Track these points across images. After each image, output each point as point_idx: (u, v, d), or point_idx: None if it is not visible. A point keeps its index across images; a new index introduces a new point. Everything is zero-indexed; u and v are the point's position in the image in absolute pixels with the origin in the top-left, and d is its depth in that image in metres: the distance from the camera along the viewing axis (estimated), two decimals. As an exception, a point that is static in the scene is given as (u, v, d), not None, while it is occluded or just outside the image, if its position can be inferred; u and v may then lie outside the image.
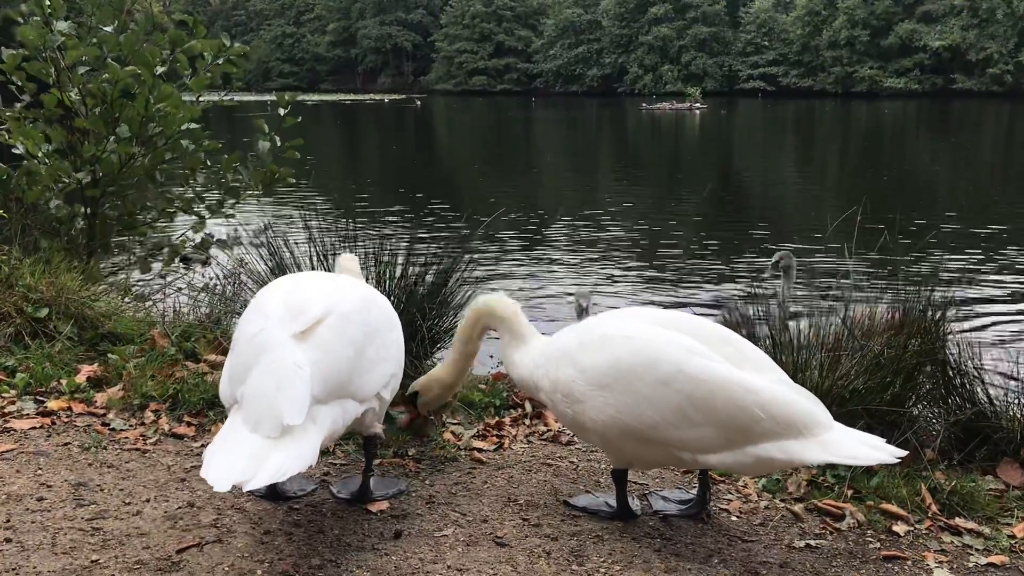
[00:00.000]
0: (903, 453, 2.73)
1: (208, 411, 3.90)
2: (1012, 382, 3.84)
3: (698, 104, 64.71)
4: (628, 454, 3.02)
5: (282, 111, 6.82)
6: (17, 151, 6.26)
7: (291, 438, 2.56)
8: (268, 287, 3.13)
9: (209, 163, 6.79)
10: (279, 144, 6.74)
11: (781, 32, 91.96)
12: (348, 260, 3.79)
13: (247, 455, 2.51)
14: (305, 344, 2.77)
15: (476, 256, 4.79)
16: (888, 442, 2.80)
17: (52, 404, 3.92)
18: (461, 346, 3.41)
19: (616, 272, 11.89)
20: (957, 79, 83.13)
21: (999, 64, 79.52)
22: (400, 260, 4.54)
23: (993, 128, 47.43)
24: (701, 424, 2.80)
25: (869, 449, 2.72)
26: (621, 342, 2.96)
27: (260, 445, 2.54)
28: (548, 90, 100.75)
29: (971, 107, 66.29)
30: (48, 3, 6.25)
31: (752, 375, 2.85)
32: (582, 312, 6.44)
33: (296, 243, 4.88)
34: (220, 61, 6.48)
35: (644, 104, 68.91)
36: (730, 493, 3.48)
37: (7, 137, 6.27)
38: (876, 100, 78.42)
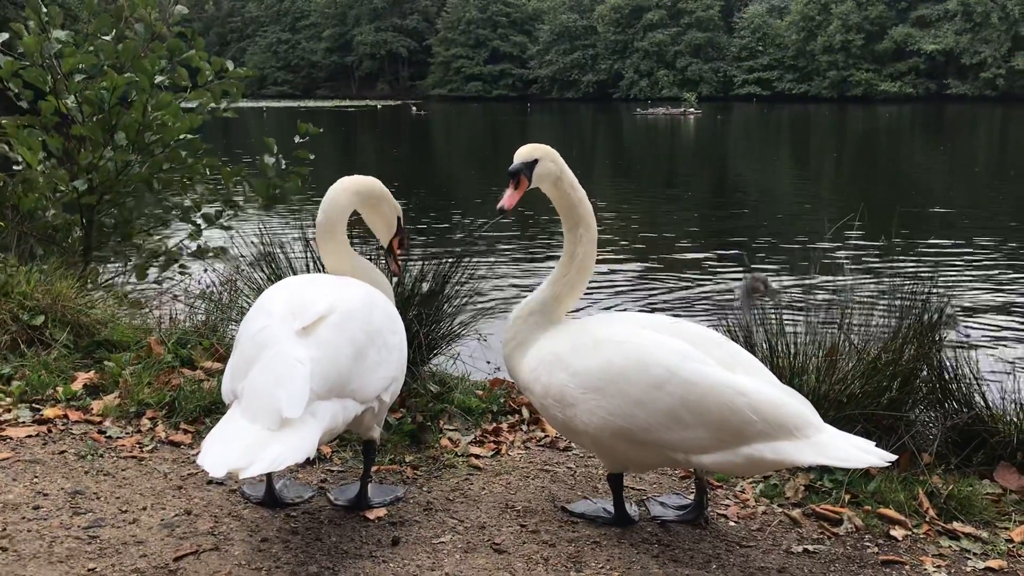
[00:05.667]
0: (892, 457, 2.74)
1: (205, 418, 3.90)
2: (1009, 386, 3.84)
3: (693, 109, 64.79)
4: (621, 456, 3.03)
5: (297, 138, 6.87)
6: (17, 164, 6.26)
7: (290, 430, 2.58)
8: (273, 287, 3.14)
9: (208, 172, 6.80)
10: (283, 167, 6.81)
11: (775, 37, 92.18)
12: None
13: (244, 444, 2.53)
14: (306, 341, 2.78)
15: (473, 261, 4.77)
16: (884, 446, 2.81)
17: (48, 412, 3.90)
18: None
19: (612, 278, 11.89)
20: (951, 84, 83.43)
21: (992, 68, 79.82)
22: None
23: (987, 132, 47.58)
24: (693, 426, 2.82)
25: (859, 452, 2.74)
26: (613, 346, 2.98)
27: (258, 435, 2.55)
28: (544, 95, 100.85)
29: (965, 111, 66.51)
30: (45, 11, 6.26)
31: (744, 378, 2.86)
32: (758, 292, 5.93)
33: (292, 249, 4.87)
34: (222, 79, 6.52)
35: (639, 109, 69.01)
36: (728, 499, 3.48)
37: (8, 149, 6.27)
38: (871, 104, 78.61)
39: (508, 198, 3.12)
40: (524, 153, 3.17)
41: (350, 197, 3.33)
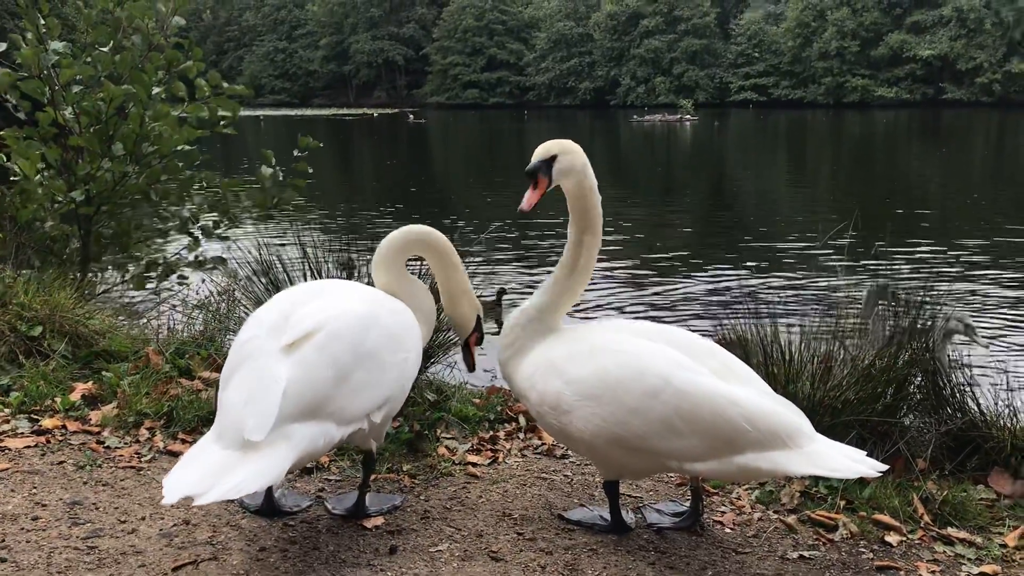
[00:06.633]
0: (883, 467, 2.76)
1: (203, 428, 3.90)
2: (1002, 391, 3.87)
3: (689, 116, 64.84)
4: (616, 463, 3.05)
5: (297, 152, 6.92)
6: (15, 174, 6.28)
7: (257, 454, 2.50)
8: (278, 295, 3.10)
9: (205, 184, 6.84)
10: (281, 178, 6.85)
11: (772, 44, 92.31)
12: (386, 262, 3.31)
13: (204, 468, 2.47)
14: (288, 358, 2.72)
15: (471, 269, 4.78)
16: (879, 452, 2.83)
17: (46, 423, 3.91)
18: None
19: (609, 284, 11.92)
20: (946, 89, 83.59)
21: (987, 74, 80.00)
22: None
23: (983, 137, 47.68)
24: (687, 435, 2.84)
25: (850, 462, 2.76)
26: (608, 355, 2.99)
27: (221, 459, 2.49)
28: (541, 103, 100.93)
29: (962, 116, 66.67)
30: (43, 23, 6.29)
31: (737, 387, 2.88)
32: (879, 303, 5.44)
33: (290, 259, 4.89)
34: (218, 95, 6.57)
35: (635, 116, 69.05)
36: (724, 505, 3.50)
37: (6, 160, 6.29)
38: (867, 110, 78.77)
39: (527, 200, 3.04)
40: (542, 150, 3.10)
41: (404, 241, 3.29)
